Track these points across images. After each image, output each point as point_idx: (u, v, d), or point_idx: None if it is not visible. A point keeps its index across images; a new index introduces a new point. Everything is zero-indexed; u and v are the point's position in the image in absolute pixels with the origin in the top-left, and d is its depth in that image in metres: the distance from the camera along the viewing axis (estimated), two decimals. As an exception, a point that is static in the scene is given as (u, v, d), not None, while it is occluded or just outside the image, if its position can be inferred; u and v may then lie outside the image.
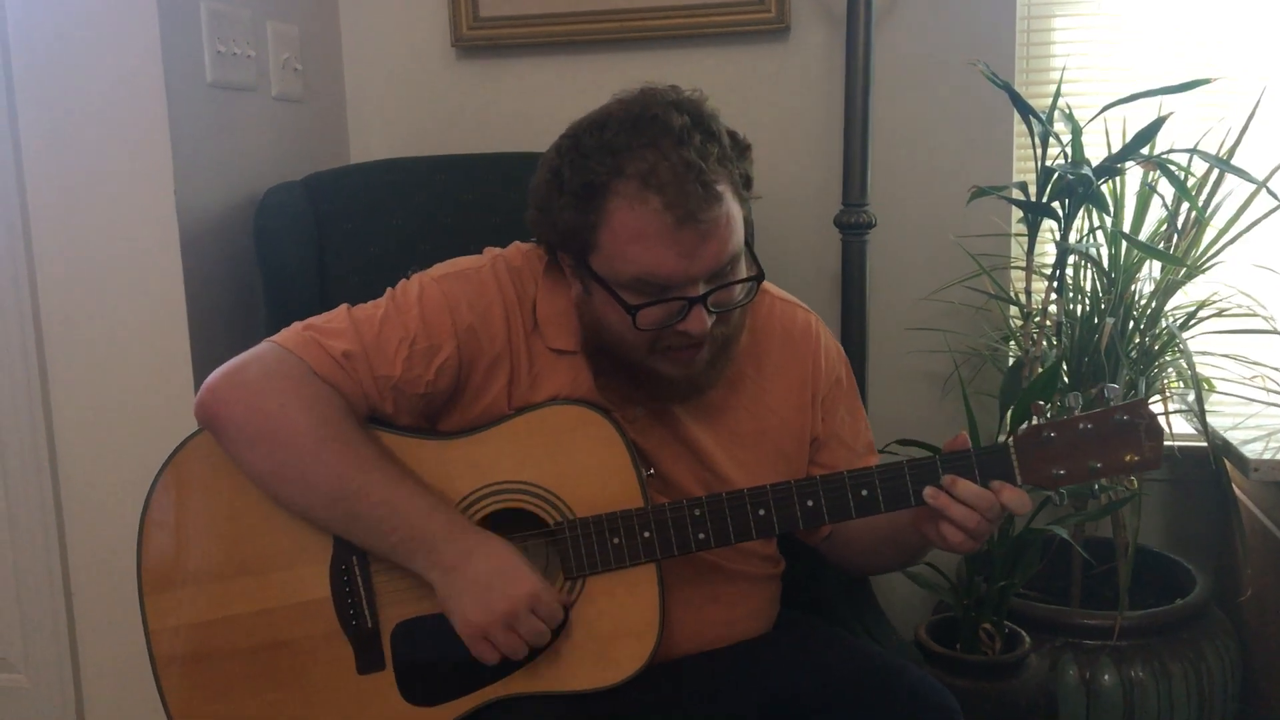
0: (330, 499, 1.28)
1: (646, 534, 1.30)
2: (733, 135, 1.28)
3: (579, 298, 1.33)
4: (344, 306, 1.36)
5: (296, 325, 1.34)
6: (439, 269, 1.39)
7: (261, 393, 1.28)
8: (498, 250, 1.42)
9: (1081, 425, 1.24)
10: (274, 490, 1.30)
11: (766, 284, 1.49)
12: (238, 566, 1.33)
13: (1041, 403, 1.29)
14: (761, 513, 1.31)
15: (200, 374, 1.79)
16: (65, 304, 1.84)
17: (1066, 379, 1.95)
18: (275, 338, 1.33)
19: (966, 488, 1.24)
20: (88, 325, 1.84)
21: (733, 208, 1.24)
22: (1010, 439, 1.27)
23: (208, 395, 1.30)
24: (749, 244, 1.29)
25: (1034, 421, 1.27)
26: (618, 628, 1.32)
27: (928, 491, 1.25)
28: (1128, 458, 1.24)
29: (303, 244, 1.83)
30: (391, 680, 1.33)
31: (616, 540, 1.30)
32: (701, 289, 1.24)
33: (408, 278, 1.38)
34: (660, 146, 1.20)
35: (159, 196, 1.76)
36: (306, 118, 2.18)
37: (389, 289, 1.37)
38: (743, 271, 1.29)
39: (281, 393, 1.28)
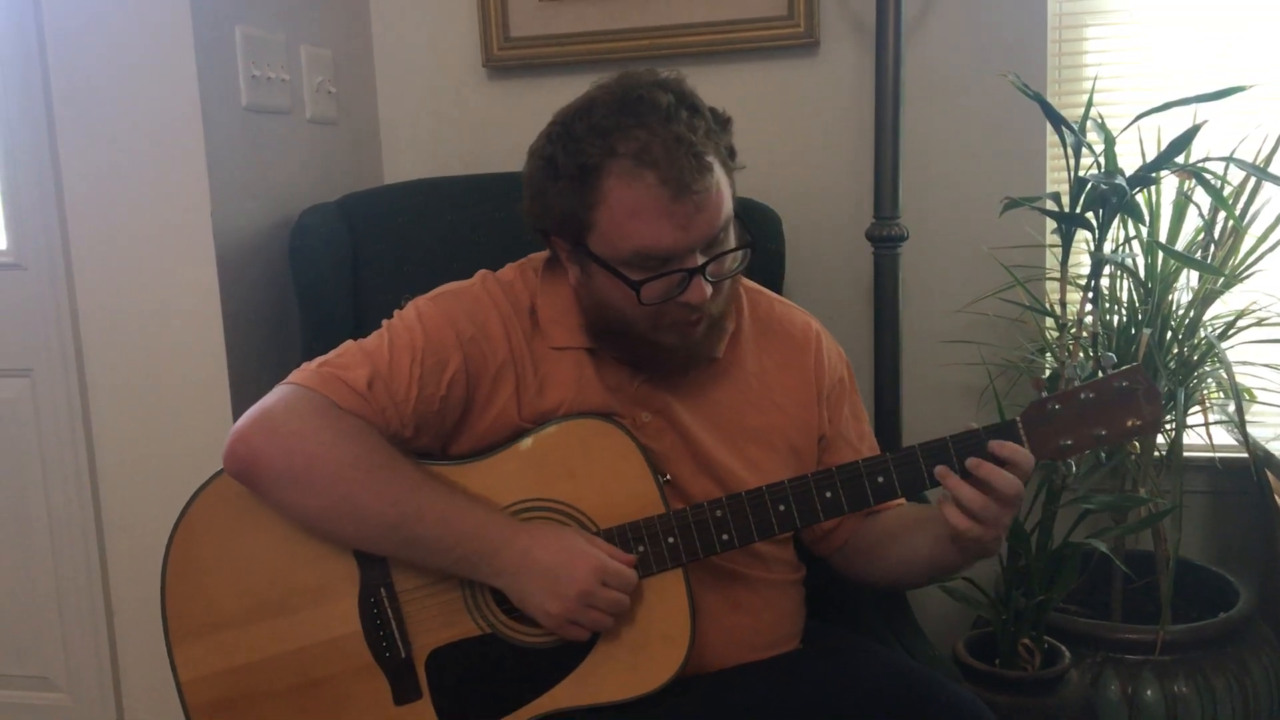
0: (387, 526, 1.28)
1: (671, 539, 1.31)
2: (713, 110, 1.32)
3: (578, 281, 1.35)
4: (349, 341, 1.37)
5: (309, 365, 1.34)
6: (433, 292, 1.41)
7: (296, 434, 1.28)
8: (487, 270, 1.45)
9: (1083, 395, 1.27)
10: (326, 527, 1.30)
11: (765, 290, 1.52)
12: (265, 609, 1.33)
13: (1043, 377, 1.29)
14: (782, 508, 1.32)
15: (238, 393, 1.81)
16: (104, 325, 1.87)
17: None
18: (291, 378, 1.33)
19: (980, 464, 1.25)
20: (127, 346, 1.86)
21: (721, 178, 1.28)
22: (1019, 415, 1.29)
23: (240, 446, 1.28)
24: (737, 214, 1.32)
25: (1040, 396, 1.30)
26: (650, 635, 1.32)
27: (939, 470, 1.27)
28: (1129, 423, 1.27)
29: (338, 264, 1.85)
30: (429, 708, 1.33)
31: (642, 548, 1.31)
32: (699, 259, 1.27)
33: (402, 306, 1.40)
34: (650, 124, 1.24)
35: (196, 219, 1.79)
36: (340, 139, 2.21)
37: (385, 320, 1.39)
38: (732, 241, 1.31)
39: (317, 430, 1.28)
